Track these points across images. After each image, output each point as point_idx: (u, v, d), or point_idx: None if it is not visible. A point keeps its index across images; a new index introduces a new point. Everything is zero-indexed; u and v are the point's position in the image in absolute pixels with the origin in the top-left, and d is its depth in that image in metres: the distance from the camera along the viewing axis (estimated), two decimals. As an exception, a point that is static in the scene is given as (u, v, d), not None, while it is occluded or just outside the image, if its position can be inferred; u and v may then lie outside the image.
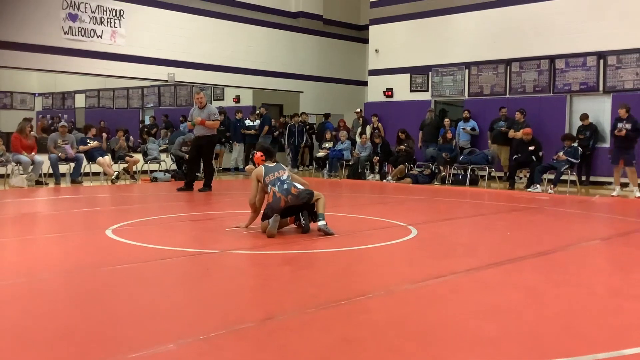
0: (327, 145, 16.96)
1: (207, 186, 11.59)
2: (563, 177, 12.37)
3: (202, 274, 4.89)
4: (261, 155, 6.95)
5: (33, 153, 12.77)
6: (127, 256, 5.41)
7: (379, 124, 16.90)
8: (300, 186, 6.59)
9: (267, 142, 16.71)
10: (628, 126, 11.33)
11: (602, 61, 14.00)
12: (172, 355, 2.97)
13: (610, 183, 12.68)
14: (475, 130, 15.40)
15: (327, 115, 19.25)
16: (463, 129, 15.49)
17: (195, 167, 12.17)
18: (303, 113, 19.08)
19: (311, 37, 20.65)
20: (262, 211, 6.67)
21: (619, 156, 11.51)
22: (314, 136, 19.13)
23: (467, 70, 16.29)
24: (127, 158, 14.49)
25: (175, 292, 4.34)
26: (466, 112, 15.60)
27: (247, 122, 17.67)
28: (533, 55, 15.03)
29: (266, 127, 17.53)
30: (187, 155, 12.71)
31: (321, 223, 6.42)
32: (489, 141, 15.10)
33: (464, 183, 13.85)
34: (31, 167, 12.61)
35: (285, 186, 6.48)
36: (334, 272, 4.96)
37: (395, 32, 17.88)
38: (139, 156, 15.10)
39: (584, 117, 13.67)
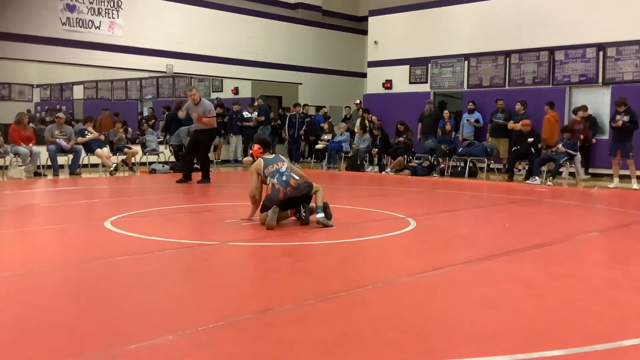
0: (325, 137, 16.92)
1: (206, 178, 11.59)
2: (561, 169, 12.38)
3: (201, 265, 4.89)
4: (259, 148, 6.93)
5: (31, 144, 12.75)
6: (125, 248, 5.41)
7: (373, 117, 16.73)
8: (299, 178, 6.61)
9: (266, 134, 16.73)
10: (626, 118, 11.32)
11: (601, 53, 13.97)
12: (170, 346, 2.97)
13: (609, 175, 12.67)
14: (479, 122, 15.33)
15: (318, 108, 19.15)
16: (467, 120, 15.41)
17: (193, 159, 12.15)
18: (306, 105, 18.99)
19: (310, 28, 20.58)
20: (261, 203, 6.68)
21: (617, 148, 11.51)
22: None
23: (466, 62, 16.25)
24: (126, 150, 14.47)
25: (174, 284, 4.34)
26: (471, 103, 15.47)
27: (245, 114, 17.62)
28: (532, 46, 14.98)
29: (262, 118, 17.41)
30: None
31: (319, 215, 6.42)
32: (487, 134, 15.06)
33: (462, 175, 13.84)
34: (29, 158, 12.60)
35: (284, 178, 6.48)
36: (332, 264, 4.96)
37: (394, 23, 17.83)
38: (137, 148, 15.08)
39: (583, 108, 13.65)
